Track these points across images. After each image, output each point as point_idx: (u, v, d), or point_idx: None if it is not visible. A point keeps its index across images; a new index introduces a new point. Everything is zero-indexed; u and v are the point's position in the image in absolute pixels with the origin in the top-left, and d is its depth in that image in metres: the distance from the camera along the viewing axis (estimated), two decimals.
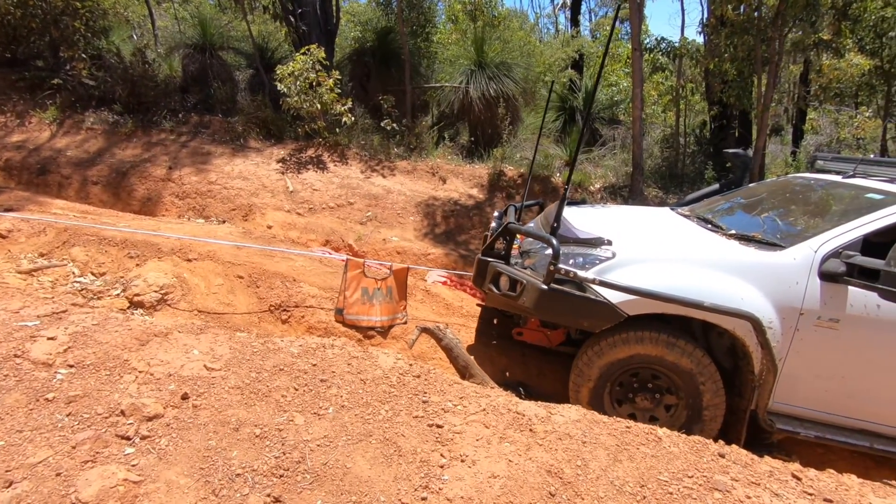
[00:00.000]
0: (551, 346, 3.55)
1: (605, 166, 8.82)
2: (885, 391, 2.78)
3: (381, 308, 3.88)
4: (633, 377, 3.00)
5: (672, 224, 3.55)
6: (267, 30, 11.10)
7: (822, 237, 2.77)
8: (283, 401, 2.37)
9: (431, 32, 11.08)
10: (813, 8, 6.81)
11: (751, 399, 2.86)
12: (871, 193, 3.01)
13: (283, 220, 6.12)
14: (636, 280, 2.78)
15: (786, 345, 2.74)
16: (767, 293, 2.71)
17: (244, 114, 8.00)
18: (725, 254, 2.87)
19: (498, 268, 3.23)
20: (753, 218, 3.52)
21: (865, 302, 2.65)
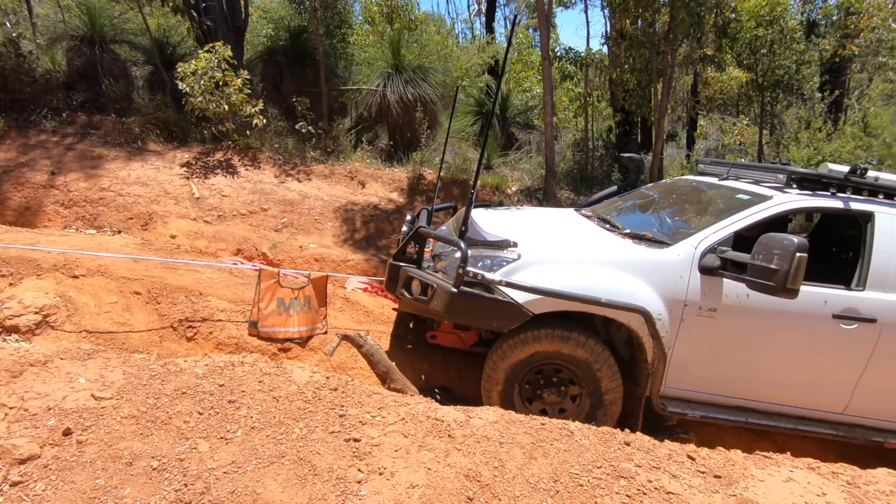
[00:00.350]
0: (465, 348, 3.61)
1: (521, 170, 9.14)
2: (755, 371, 3.11)
3: (300, 318, 3.73)
4: (538, 375, 3.14)
5: (574, 225, 3.73)
6: (168, 23, 10.31)
7: (701, 234, 3.03)
8: (185, 427, 2.19)
9: (348, 33, 10.88)
10: (698, 26, 7.52)
11: (646, 386, 3.08)
12: (741, 194, 3.34)
13: (189, 228, 5.71)
14: (540, 280, 2.91)
15: (673, 334, 2.98)
16: (657, 288, 2.93)
17: (142, 114, 7.36)
18: (620, 252, 3.07)
19: (409, 272, 3.24)
20: (646, 217, 3.80)
21: (737, 292, 2.92)
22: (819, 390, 3.14)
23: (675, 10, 6.82)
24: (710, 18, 8.22)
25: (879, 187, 3.18)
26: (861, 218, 3.12)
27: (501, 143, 9.92)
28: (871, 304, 2.98)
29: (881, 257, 3.02)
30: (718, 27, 8.37)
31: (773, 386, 3.13)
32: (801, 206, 3.11)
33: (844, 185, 3.17)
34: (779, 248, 2.55)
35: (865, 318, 2.97)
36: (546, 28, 7.35)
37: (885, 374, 3.06)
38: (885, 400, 3.13)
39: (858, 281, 3.03)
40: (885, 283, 3.00)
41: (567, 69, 9.51)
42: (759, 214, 3.04)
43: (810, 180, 3.22)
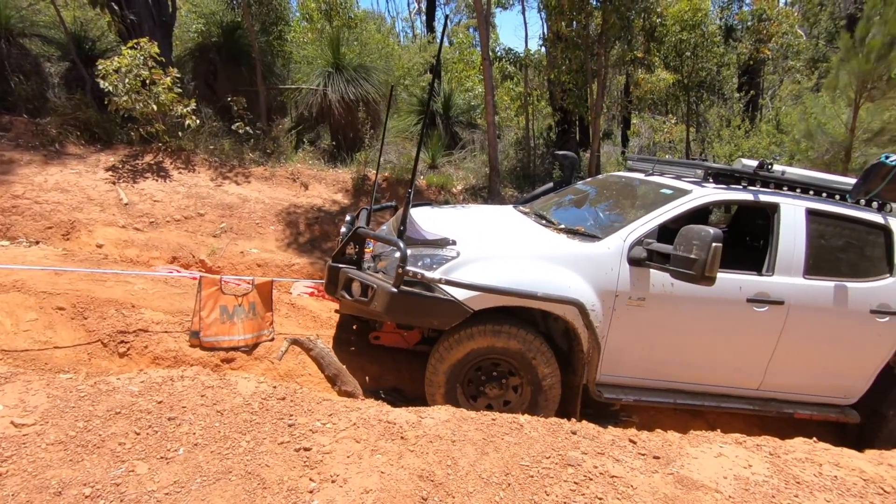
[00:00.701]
0: (408, 347, 3.63)
1: (465, 168, 9.24)
2: (682, 355, 3.32)
3: (244, 326, 3.60)
4: (477, 371, 3.22)
5: (512, 222, 3.83)
6: (85, 16, 9.57)
7: (629, 228, 3.18)
8: (120, 450, 2.07)
9: (285, 30, 10.56)
10: (628, 29, 7.90)
11: (583, 374, 3.22)
12: (664, 189, 3.55)
13: (118, 237, 5.35)
14: (479, 277, 2.98)
15: (606, 324, 3.13)
16: (590, 280, 3.06)
17: (59, 114, 6.80)
18: (554, 247, 3.19)
19: (349, 273, 3.23)
20: (580, 212, 3.95)
21: (663, 281, 3.10)
22: (737, 369, 3.39)
23: (606, 14, 7.12)
24: (638, 22, 8.65)
25: (784, 180, 3.46)
26: (768, 208, 3.38)
27: (445, 142, 9.98)
28: (779, 288, 3.24)
29: (786, 244, 3.29)
30: (646, 31, 8.83)
31: (698, 368, 3.36)
32: (717, 199, 3.33)
33: (754, 179, 3.43)
34: (697, 238, 2.72)
35: (774, 301, 3.23)
36: (485, 29, 7.47)
37: (792, 352, 3.34)
38: (794, 375, 3.43)
39: (768, 267, 3.29)
40: (790, 268, 3.28)
41: (507, 69, 9.70)
42: (680, 208, 3.23)
43: (724, 175, 3.46)
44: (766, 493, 2.27)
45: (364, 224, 3.74)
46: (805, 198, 3.44)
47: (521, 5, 9.90)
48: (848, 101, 6.67)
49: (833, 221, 3.42)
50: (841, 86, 6.46)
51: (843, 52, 6.46)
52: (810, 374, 3.44)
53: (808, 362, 3.40)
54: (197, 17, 10.28)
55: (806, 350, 3.37)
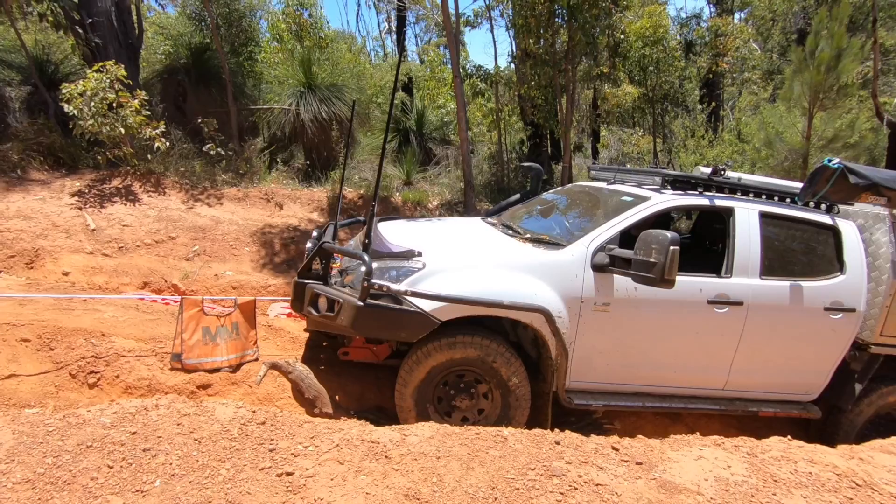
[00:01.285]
0: (378, 362, 3.59)
1: (440, 184, 9.31)
2: (648, 358, 3.37)
3: (228, 346, 3.53)
4: (445, 386, 3.21)
5: (479, 233, 3.86)
6: (48, 39, 9.38)
7: (591, 235, 3.23)
8: (92, 485, 1.99)
9: (255, 51, 10.55)
10: (593, 46, 8.15)
11: (552, 382, 3.24)
12: (625, 196, 3.64)
13: (85, 263, 5.19)
14: (445, 287, 2.98)
15: (573, 330, 3.16)
16: (555, 287, 3.09)
17: (21, 139, 6.61)
18: (520, 256, 3.22)
19: (315, 289, 3.20)
20: (546, 221, 4.00)
21: (626, 286, 3.13)
22: (703, 370, 3.46)
23: (572, 31, 7.35)
24: (603, 39, 8.94)
25: (738, 185, 3.58)
26: (724, 213, 3.49)
27: (420, 158, 10.05)
28: (738, 289, 3.33)
29: (742, 246, 3.39)
30: (611, 47, 9.14)
31: (665, 370, 3.42)
32: (674, 205, 3.43)
33: (709, 185, 3.54)
34: (655, 243, 2.79)
35: (734, 302, 3.32)
36: (455, 47, 7.61)
37: (754, 351, 3.43)
38: (756, 373, 3.51)
39: (726, 269, 3.38)
40: (747, 269, 3.37)
41: (478, 86, 9.88)
42: (640, 214, 3.32)
43: (681, 181, 3.57)
44: (746, 492, 2.32)
45: (330, 239, 3.71)
46: (758, 202, 3.55)
47: (490, 24, 10.14)
48: (802, 111, 7.02)
49: (785, 223, 3.55)
50: (795, 96, 6.80)
51: (795, 64, 6.82)
52: (772, 372, 3.53)
53: (769, 360, 3.49)
54: (164, 39, 10.19)
55: (766, 348, 3.45)
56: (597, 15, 7.35)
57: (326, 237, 3.73)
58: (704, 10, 21.28)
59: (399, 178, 8.77)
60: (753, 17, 16.54)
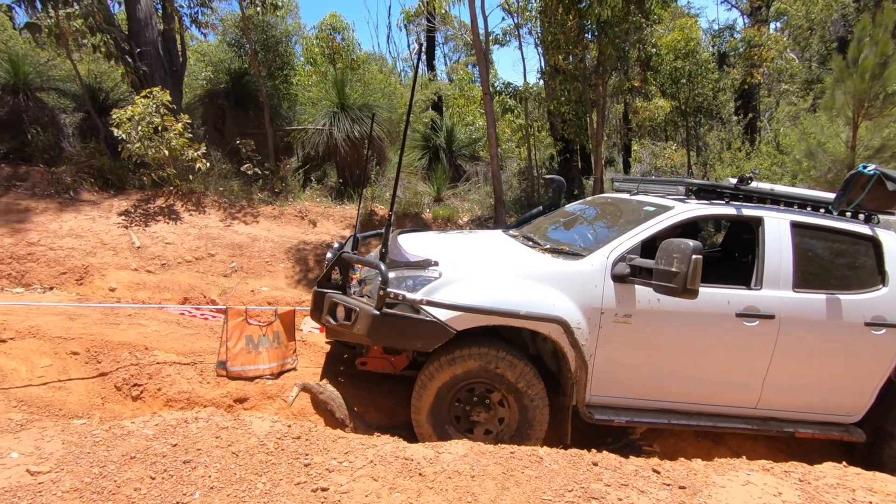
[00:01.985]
0: (396, 372, 3.55)
1: (470, 200, 9.34)
2: (672, 373, 3.23)
3: (270, 355, 3.65)
4: (458, 403, 3.16)
5: (498, 244, 3.81)
6: (99, 69, 9.99)
7: (612, 245, 3.15)
8: (136, 496, 2.04)
9: (290, 74, 10.94)
10: (624, 60, 8.11)
11: (572, 395, 3.14)
12: (648, 206, 3.54)
13: (130, 280, 5.42)
14: (461, 297, 2.94)
15: (593, 342, 3.05)
16: (574, 298, 3.01)
17: (74, 163, 7.01)
18: (538, 266, 3.15)
19: (333, 298, 3.21)
20: (567, 233, 3.93)
21: (649, 297, 3.02)
22: (732, 387, 3.28)
23: (602, 46, 7.33)
24: (633, 53, 8.89)
25: (766, 194, 3.45)
26: (753, 222, 3.36)
27: (450, 175, 10.13)
28: (769, 302, 3.18)
29: (772, 257, 3.24)
30: (642, 61, 9.06)
31: (691, 386, 3.26)
32: (698, 214, 3.32)
33: (736, 194, 3.42)
34: (677, 251, 2.69)
35: (764, 315, 3.16)
36: (485, 65, 7.70)
37: (788, 368, 3.25)
38: (791, 392, 3.32)
39: (756, 281, 3.23)
40: (778, 281, 3.22)
41: (507, 103, 9.93)
42: (662, 223, 3.22)
43: (706, 190, 3.47)
44: None
45: (350, 250, 3.74)
46: (789, 211, 3.41)
47: (519, 41, 10.22)
48: (846, 120, 6.76)
49: (819, 234, 3.39)
50: (837, 106, 6.56)
51: (836, 73, 6.59)
52: (808, 391, 3.33)
53: (805, 378, 3.30)
54: (205, 66, 10.69)
55: (802, 365, 3.27)
56: (627, 29, 7.32)
57: (347, 248, 3.78)
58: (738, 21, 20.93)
59: (429, 195, 8.85)
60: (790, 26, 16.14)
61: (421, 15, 10.75)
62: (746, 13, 16.18)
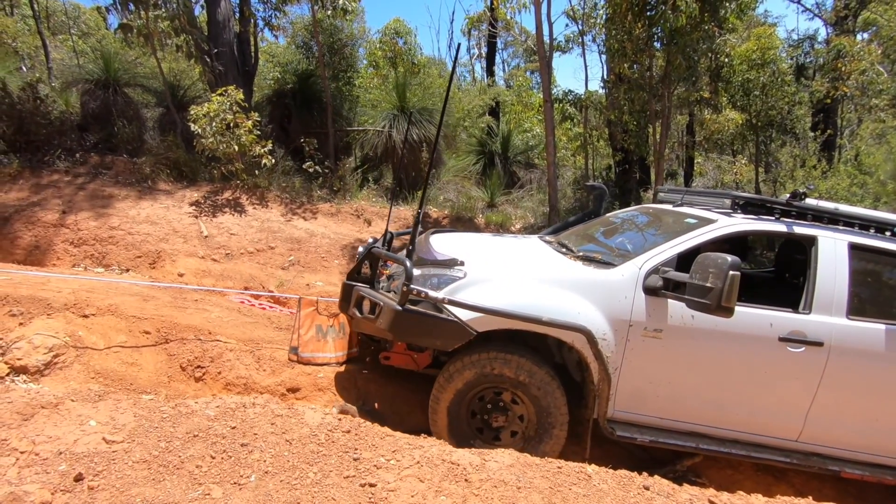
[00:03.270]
0: (418, 370, 3.53)
1: (523, 207, 9.25)
2: (705, 395, 3.03)
3: (336, 344, 3.86)
4: (474, 417, 3.12)
5: (531, 248, 3.72)
6: (179, 67, 10.69)
7: (646, 255, 3.02)
8: (197, 472, 2.16)
9: (353, 77, 11.26)
10: (693, 70, 7.79)
11: (593, 408, 3.01)
12: (689, 218, 3.37)
13: (197, 266, 5.74)
14: (484, 298, 2.89)
15: (620, 355, 2.93)
16: (602, 308, 2.90)
17: (153, 154, 7.52)
18: (567, 272, 3.06)
19: (360, 291, 3.26)
20: (604, 241, 3.79)
21: (682, 313, 2.87)
22: (771, 416, 3.06)
23: (671, 56, 7.08)
24: (703, 63, 8.52)
25: (823, 212, 3.20)
26: (805, 242, 3.13)
27: (504, 181, 10.08)
28: (818, 328, 2.95)
29: (825, 281, 3.01)
30: (712, 71, 8.68)
31: (725, 411, 3.06)
32: (743, 230, 3.11)
33: (787, 210, 3.20)
34: (713, 266, 2.54)
35: (812, 342, 2.93)
36: (547, 72, 7.62)
37: (836, 400, 2.99)
38: (839, 427, 3.05)
39: (805, 304, 3.01)
40: (830, 307, 2.98)
41: (567, 110, 9.79)
42: (702, 237, 3.05)
43: (755, 205, 3.26)
44: None
45: (381, 245, 3.77)
46: (849, 231, 3.15)
47: (582, 49, 10.05)
48: None
49: (883, 258, 3.11)
50: None
51: None
52: (859, 428, 3.05)
53: (856, 414, 3.03)
54: (274, 66, 11.20)
55: (852, 400, 3.00)
56: (699, 38, 7.03)
57: (379, 244, 3.84)
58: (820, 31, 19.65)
59: (483, 200, 8.84)
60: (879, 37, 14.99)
61: (484, 20, 10.79)
62: (831, 23, 15.18)
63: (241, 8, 9.24)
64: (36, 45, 11.85)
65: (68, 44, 13.93)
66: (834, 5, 15.40)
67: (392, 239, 4.18)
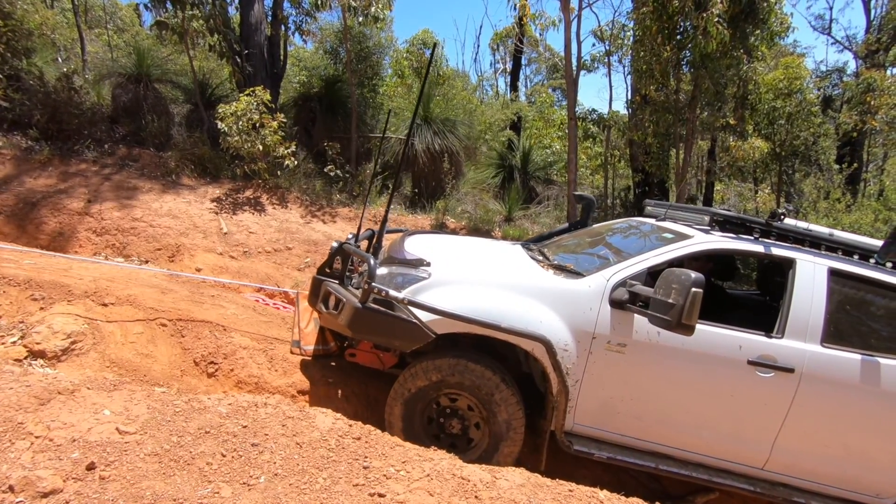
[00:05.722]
0: (383, 369, 3.48)
1: (540, 223, 9.22)
2: (668, 414, 2.94)
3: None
4: (430, 423, 3.08)
5: (506, 254, 3.67)
6: (208, 66, 10.89)
7: (615, 268, 2.97)
8: (207, 469, 2.14)
9: (378, 84, 11.38)
10: (720, 95, 7.75)
11: (551, 420, 2.94)
12: (667, 233, 3.30)
13: (215, 262, 5.78)
14: (445, 301, 2.84)
15: (581, 367, 2.86)
16: (565, 318, 2.84)
17: (179, 149, 7.65)
18: (533, 280, 3.00)
19: (328, 286, 3.24)
20: (582, 252, 3.74)
21: (648, 329, 2.80)
22: (736, 441, 2.96)
23: (699, 80, 7.05)
24: (731, 89, 8.47)
25: (803, 234, 3.12)
26: (784, 264, 3.06)
27: (523, 196, 10.06)
28: (789, 353, 2.86)
29: (801, 305, 2.92)
30: (739, 98, 8.62)
31: (688, 432, 2.97)
32: (719, 248, 3.03)
33: (768, 231, 3.12)
34: (676, 282, 2.47)
35: (782, 367, 2.84)
36: (573, 89, 7.62)
37: (805, 430, 2.89)
38: (808, 458, 2.95)
39: (778, 328, 2.92)
40: (804, 333, 2.89)
41: (590, 129, 9.77)
42: (675, 252, 2.98)
43: (734, 223, 3.18)
44: None
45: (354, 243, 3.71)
46: (830, 256, 3.06)
47: (608, 69, 10.06)
48: None
49: (864, 286, 3.02)
50: None
51: None
52: (829, 461, 2.94)
53: (827, 446, 2.92)
54: (300, 70, 11.37)
55: (823, 430, 2.90)
56: (728, 64, 6.99)
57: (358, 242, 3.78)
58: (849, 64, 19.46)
59: (501, 214, 8.82)
60: None
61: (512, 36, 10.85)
62: (861, 56, 15.03)
63: (275, 11, 9.42)
64: (73, 37, 12.16)
65: (104, 38, 14.30)
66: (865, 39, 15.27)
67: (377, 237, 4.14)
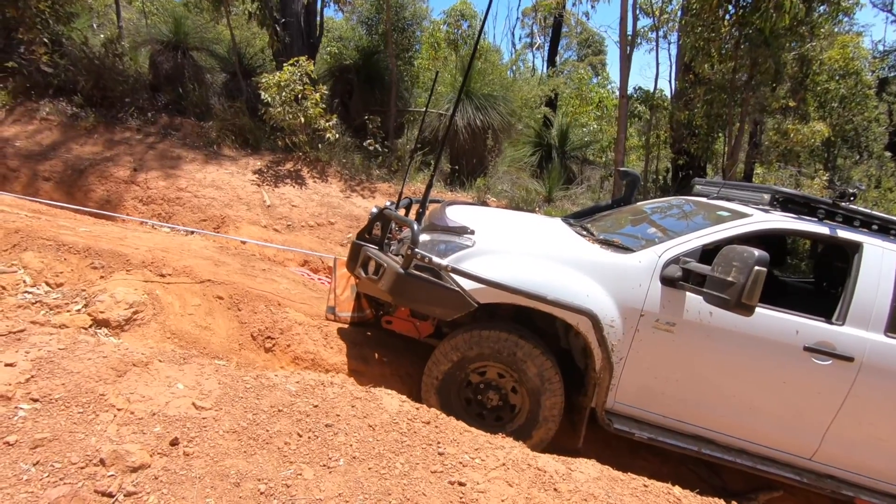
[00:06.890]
0: (419, 338, 3.42)
1: (581, 204, 8.99)
2: (713, 398, 2.83)
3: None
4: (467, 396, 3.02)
5: (549, 227, 3.56)
6: (244, 35, 10.75)
7: (668, 244, 2.85)
8: (286, 449, 2.11)
9: (414, 56, 11.11)
10: (780, 75, 7.33)
11: (592, 396, 2.86)
12: (722, 211, 3.15)
13: (259, 235, 5.77)
14: (489, 270, 2.76)
15: (627, 344, 2.77)
16: (613, 293, 2.74)
17: (220, 119, 7.60)
18: (580, 253, 2.90)
19: (368, 251, 3.19)
20: (629, 228, 3.60)
21: (700, 308, 2.71)
22: (785, 429, 2.85)
23: (760, 58, 6.65)
24: (789, 69, 8.01)
25: (873, 217, 2.93)
26: (849, 248, 2.88)
27: (563, 177, 9.81)
28: (849, 341, 2.71)
29: (865, 291, 2.76)
30: (797, 78, 8.16)
31: (734, 417, 2.87)
32: (780, 227, 2.87)
33: (833, 212, 2.93)
34: (738, 260, 2.33)
35: (841, 356, 2.70)
36: (626, 66, 7.29)
37: (860, 422, 2.76)
38: (860, 451, 2.82)
39: (839, 315, 2.77)
40: (866, 321, 2.74)
41: (636, 108, 9.41)
42: (732, 231, 2.83)
43: (797, 203, 3.00)
44: None
45: (394, 208, 3.66)
46: None
47: (656, 44, 9.61)
48: None
49: None
50: None
51: None
52: (883, 455, 2.81)
53: (882, 440, 2.78)
54: (331, 41, 11.13)
55: (879, 424, 2.76)
56: (792, 42, 6.57)
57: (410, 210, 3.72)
58: None
59: (541, 194, 8.62)
60: None
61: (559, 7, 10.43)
62: None
63: None
64: (106, 2, 12.10)
65: (136, 3, 14.22)
66: None
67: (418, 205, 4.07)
